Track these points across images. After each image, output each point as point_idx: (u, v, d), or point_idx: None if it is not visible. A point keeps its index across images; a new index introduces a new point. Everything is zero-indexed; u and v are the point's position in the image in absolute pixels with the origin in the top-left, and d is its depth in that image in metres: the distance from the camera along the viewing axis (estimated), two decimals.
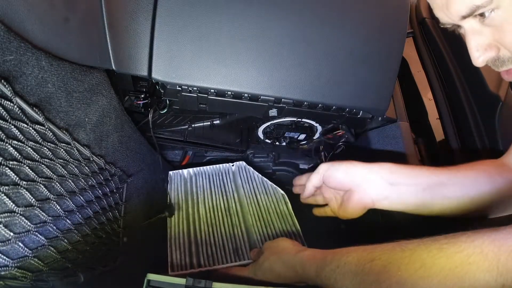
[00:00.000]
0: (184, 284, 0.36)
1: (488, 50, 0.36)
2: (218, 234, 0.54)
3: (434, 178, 0.46)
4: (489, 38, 0.35)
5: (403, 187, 0.46)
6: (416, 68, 0.82)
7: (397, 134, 0.64)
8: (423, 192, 0.46)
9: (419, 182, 0.46)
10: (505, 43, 0.35)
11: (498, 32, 0.34)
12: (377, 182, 0.47)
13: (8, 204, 0.30)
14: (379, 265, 0.33)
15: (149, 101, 0.61)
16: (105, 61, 0.45)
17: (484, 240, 0.28)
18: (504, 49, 0.35)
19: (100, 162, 0.47)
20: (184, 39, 0.49)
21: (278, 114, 0.60)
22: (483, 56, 0.36)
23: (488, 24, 0.34)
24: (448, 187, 0.45)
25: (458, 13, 0.34)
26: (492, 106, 0.61)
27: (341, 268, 0.36)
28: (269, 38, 0.51)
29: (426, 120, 0.75)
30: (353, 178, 0.48)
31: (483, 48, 0.36)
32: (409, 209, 0.47)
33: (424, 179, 0.46)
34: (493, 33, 0.35)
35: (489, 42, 0.36)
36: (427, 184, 0.46)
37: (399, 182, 0.47)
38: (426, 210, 0.46)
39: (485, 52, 0.36)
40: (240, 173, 0.68)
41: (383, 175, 0.47)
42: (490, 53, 0.36)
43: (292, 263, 0.42)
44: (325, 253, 0.40)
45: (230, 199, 0.61)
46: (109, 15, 0.45)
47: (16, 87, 0.30)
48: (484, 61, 0.37)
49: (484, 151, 0.61)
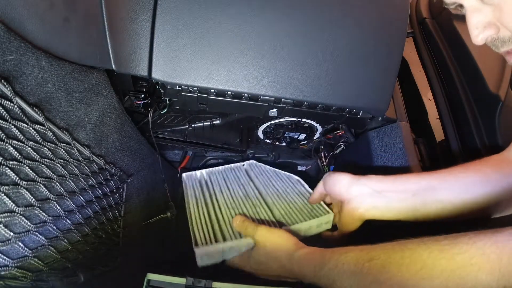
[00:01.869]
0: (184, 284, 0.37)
1: (488, 28, 0.36)
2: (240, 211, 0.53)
3: (424, 183, 0.45)
4: (488, 16, 0.36)
5: (391, 193, 0.46)
6: (416, 68, 0.82)
7: (397, 134, 0.64)
8: (413, 198, 0.45)
9: (408, 188, 0.46)
10: (505, 21, 0.35)
11: (497, 11, 0.35)
12: (364, 192, 0.47)
13: (8, 204, 0.30)
14: (378, 265, 0.32)
15: (149, 101, 0.61)
16: (105, 61, 0.45)
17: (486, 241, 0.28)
18: (504, 28, 0.36)
19: (100, 162, 0.47)
20: (184, 39, 0.49)
21: (278, 114, 0.60)
22: (482, 34, 0.36)
23: (487, 2, 0.35)
24: (440, 191, 0.45)
25: None
26: (492, 106, 0.61)
27: (339, 268, 0.35)
28: (269, 38, 0.51)
29: (426, 120, 0.75)
30: (341, 189, 0.49)
31: (483, 25, 0.36)
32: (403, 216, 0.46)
33: (413, 185, 0.46)
34: (492, 12, 0.35)
35: (489, 20, 0.36)
36: (417, 189, 0.45)
37: (386, 189, 0.46)
38: (421, 216, 0.46)
39: (484, 30, 0.36)
40: (253, 169, 0.69)
41: (370, 185, 0.47)
42: (489, 31, 0.36)
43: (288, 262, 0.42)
44: (323, 252, 0.39)
45: (247, 187, 0.61)
46: (109, 15, 0.45)
47: (16, 87, 0.30)
48: (483, 39, 0.37)
49: (484, 151, 0.61)
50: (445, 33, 0.77)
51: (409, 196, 0.45)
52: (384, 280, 0.31)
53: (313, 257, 0.39)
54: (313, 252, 0.41)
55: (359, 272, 0.33)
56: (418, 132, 0.71)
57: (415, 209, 0.45)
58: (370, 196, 0.47)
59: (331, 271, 0.36)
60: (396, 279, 0.30)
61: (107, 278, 0.47)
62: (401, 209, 0.46)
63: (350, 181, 0.48)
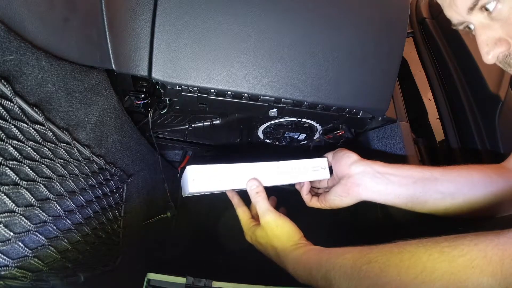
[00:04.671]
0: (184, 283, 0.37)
1: (498, 45, 0.35)
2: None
3: (427, 172, 0.46)
4: (498, 32, 0.35)
5: (393, 177, 0.47)
6: (416, 68, 0.82)
7: (397, 134, 0.64)
8: (414, 185, 0.45)
9: (410, 174, 0.46)
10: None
11: (506, 25, 0.34)
12: (367, 171, 0.48)
13: (8, 204, 0.30)
14: (376, 268, 0.32)
15: (149, 101, 0.61)
16: (105, 61, 0.45)
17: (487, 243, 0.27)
18: None
19: (100, 162, 0.47)
20: (184, 39, 0.49)
21: (278, 114, 0.60)
22: (492, 51, 0.35)
23: (495, 17, 0.34)
24: (441, 183, 0.45)
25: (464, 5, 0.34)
26: (492, 106, 0.61)
27: (336, 271, 0.35)
28: (269, 38, 0.51)
29: (426, 120, 0.75)
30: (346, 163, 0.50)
31: (493, 42, 0.35)
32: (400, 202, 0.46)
33: (416, 173, 0.46)
34: (502, 27, 0.34)
35: (499, 36, 0.35)
36: (419, 177, 0.46)
37: (390, 172, 0.47)
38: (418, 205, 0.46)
39: (494, 46, 0.35)
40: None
41: (374, 167, 0.48)
42: (500, 48, 0.35)
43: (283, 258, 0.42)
44: (320, 253, 0.39)
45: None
46: (109, 15, 0.45)
47: (16, 87, 0.30)
48: (494, 57, 0.36)
49: (484, 151, 0.61)
50: (445, 33, 0.77)
51: (410, 182, 0.46)
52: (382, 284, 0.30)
53: (309, 259, 0.39)
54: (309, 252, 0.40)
55: (357, 276, 0.33)
56: (418, 132, 0.71)
57: (414, 197, 0.45)
58: (372, 176, 0.47)
59: (328, 273, 0.35)
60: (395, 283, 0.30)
61: (107, 278, 0.47)
62: (400, 194, 0.46)
63: (356, 159, 0.50)
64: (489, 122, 0.61)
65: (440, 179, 0.45)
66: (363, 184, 0.47)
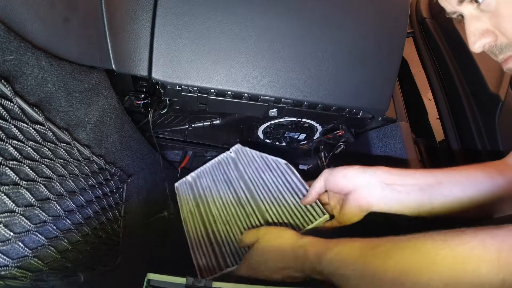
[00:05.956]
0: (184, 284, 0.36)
1: (485, 35, 0.37)
2: (236, 229, 0.54)
3: (431, 177, 0.46)
4: (486, 23, 0.36)
5: (399, 187, 0.46)
6: (416, 68, 0.82)
7: (397, 134, 0.64)
8: (420, 192, 0.45)
9: (415, 182, 0.46)
10: (502, 28, 0.35)
11: (494, 18, 0.35)
12: (372, 183, 0.47)
13: (8, 204, 0.30)
14: (383, 252, 0.33)
15: (149, 101, 0.61)
16: (105, 61, 0.45)
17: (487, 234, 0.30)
18: (502, 35, 0.36)
19: (100, 162, 0.47)
20: (184, 39, 0.49)
21: (278, 114, 0.60)
22: (479, 41, 0.37)
23: (484, 9, 0.35)
24: (447, 187, 0.45)
25: None
26: (492, 106, 0.61)
27: (343, 255, 0.36)
28: (269, 38, 0.51)
29: (426, 120, 0.75)
30: (349, 181, 0.48)
31: (480, 33, 0.37)
32: (408, 210, 0.47)
33: (421, 179, 0.46)
34: (490, 19, 0.36)
35: (486, 27, 0.36)
36: (424, 183, 0.46)
37: (394, 182, 0.47)
38: (425, 211, 0.46)
39: (481, 37, 0.37)
40: (240, 158, 0.67)
41: (378, 176, 0.47)
42: (486, 38, 0.37)
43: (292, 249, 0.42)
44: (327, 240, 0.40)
45: (238, 190, 0.61)
46: (109, 15, 0.45)
47: (16, 87, 0.31)
48: (481, 46, 0.37)
49: (484, 151, 0.61)
50: (445, 33, 0.77)
51: (416, 189, 0.46)
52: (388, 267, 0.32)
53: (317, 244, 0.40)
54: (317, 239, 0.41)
55: (363, 259, 0.34)
56: (418, 132, 0.71)
57: (421, 204, 0.46)
58: (379, 187, 0.47)
59: (335, 257, 0.36)
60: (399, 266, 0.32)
61: (107, 278, 0.47)
62: (407, 203, 0.46)
63: (357, 171, 0.48)
64: (489, 122, 0.61)
65: (445, 183, 0.45)
66: (373, 197, 0.47)
